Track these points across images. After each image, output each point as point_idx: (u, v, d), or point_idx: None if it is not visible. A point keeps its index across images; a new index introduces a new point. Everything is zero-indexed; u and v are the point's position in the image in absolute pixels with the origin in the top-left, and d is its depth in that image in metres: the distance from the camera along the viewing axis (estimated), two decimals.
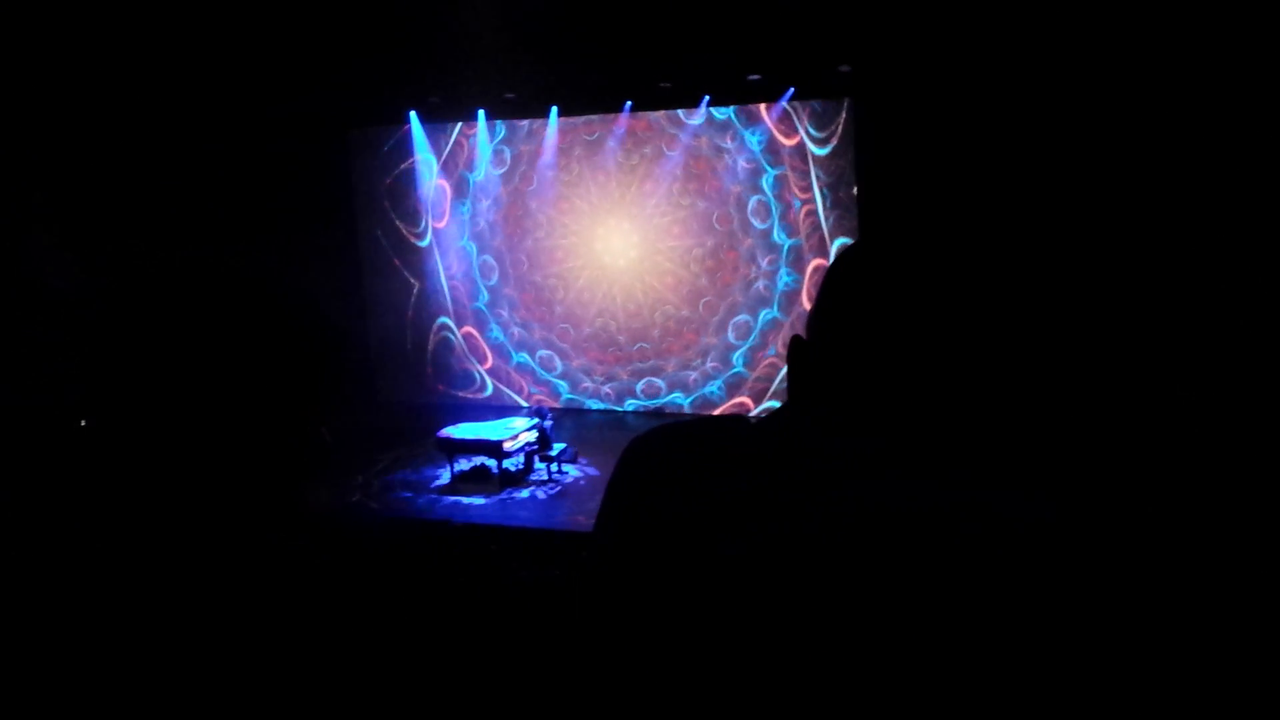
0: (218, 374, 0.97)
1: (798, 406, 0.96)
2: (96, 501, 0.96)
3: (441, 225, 11.61)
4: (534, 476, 9.11)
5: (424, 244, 11.73)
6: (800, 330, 1.02)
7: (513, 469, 9.11)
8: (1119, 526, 0.82)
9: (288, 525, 1.01)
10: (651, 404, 11.17)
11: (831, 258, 10.11)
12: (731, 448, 0.93)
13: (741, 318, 10.63)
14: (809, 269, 10.30)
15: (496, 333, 11.65)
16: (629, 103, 10.35)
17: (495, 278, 11.52)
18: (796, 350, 0.96)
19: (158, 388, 0.96)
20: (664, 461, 0.94)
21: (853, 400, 0.89)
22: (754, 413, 10.41)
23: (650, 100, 10.18)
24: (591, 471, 9.23)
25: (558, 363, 11.46)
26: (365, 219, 11.84)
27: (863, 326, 0.89)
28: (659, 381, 11.11)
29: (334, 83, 9.30)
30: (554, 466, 9.10)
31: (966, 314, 0.86)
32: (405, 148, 11.42)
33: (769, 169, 10.23)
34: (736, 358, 10.76)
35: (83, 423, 0.97)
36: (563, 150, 10.88)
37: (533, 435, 9.18)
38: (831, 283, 0.95)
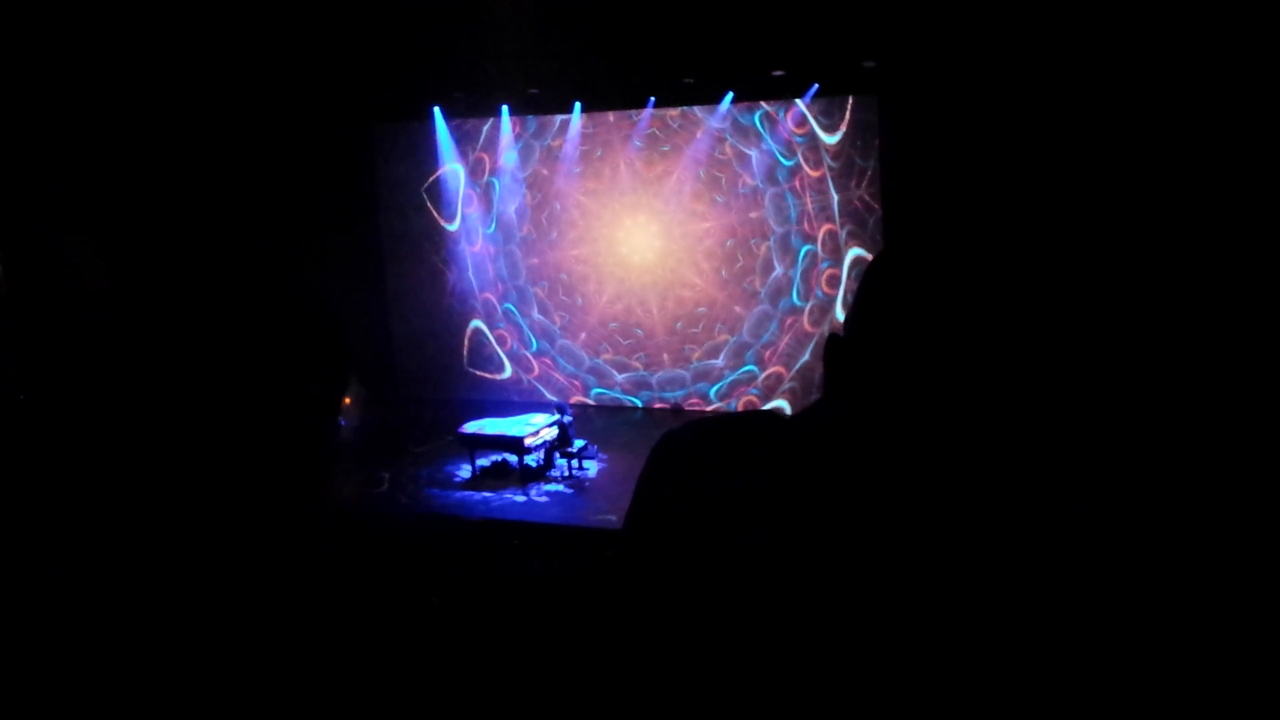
0: (232, 370, 0.96)
1: (833, 404, 0.96)
2: (112, 496, 0.96)
3: (468, 217, 11.66)
4: (554, 472, 9.14)
5: (449, 235, 11.78)
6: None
7: (533, 465, 9.14)
8: (1145, 526, 0.82)
9: (309, 520, 1.01)
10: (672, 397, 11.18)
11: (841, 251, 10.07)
12: (764, 444, 0.94)
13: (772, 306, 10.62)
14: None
15: (522, 324, 11.70)
16: (652, 99, 10.34)
17: (522, 272, 11.57)
18: (833, 349, 0.97)
19: (171, 383, 0.95)
20: (695, 458, 0.95)
21: (887, 399, 0.90)
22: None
23: (674, 96, 10.17)
24: (611, 467, 9.24)
25: (584, 357, 11.49)
26: (390, 215, 11.91)
27: (898, 326, 0.90)
28: (683, 374, 11.13)
29: (358, 78, 9.35)
30: (574, 462, 9.12)
31: (1000, 315, 0.86)
32: (430, 143, 11.46)
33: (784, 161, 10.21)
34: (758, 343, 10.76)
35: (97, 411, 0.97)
36: (586, 147, 10.90)
37: (553, 431, 9.21)
38: (869, 283, 0.96)
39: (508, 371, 11.85)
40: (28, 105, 7.85)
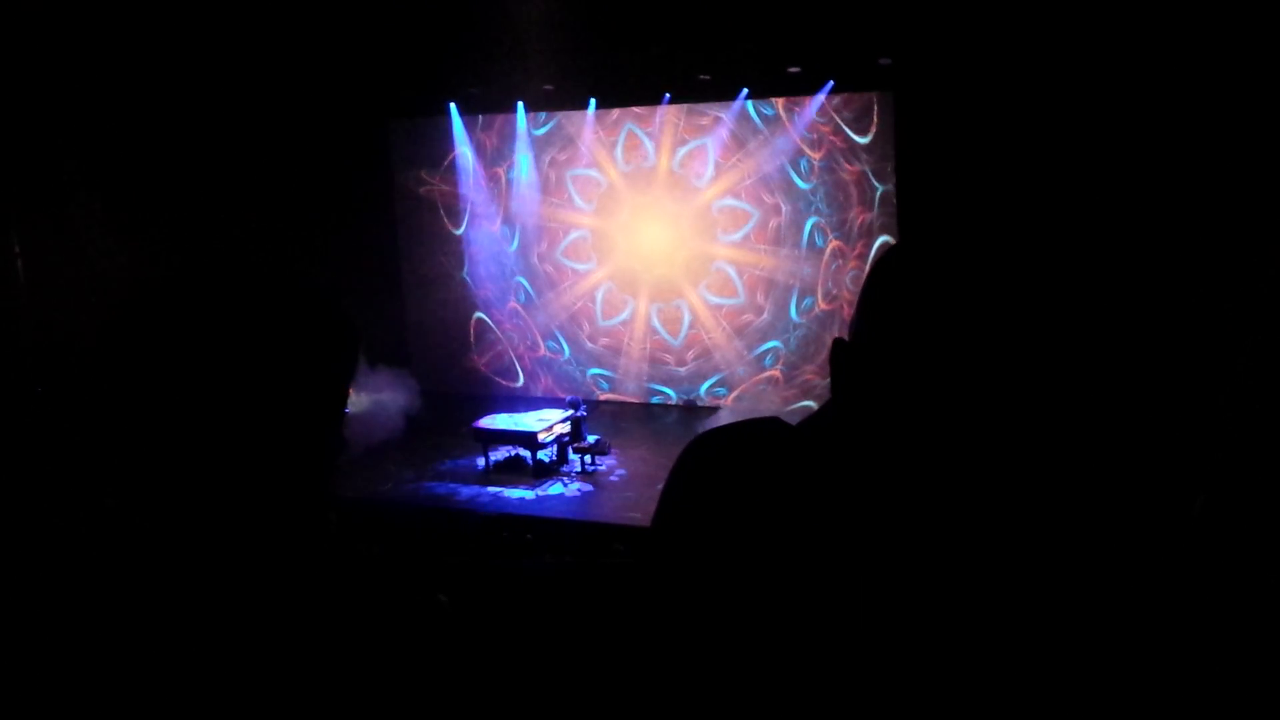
0: (237, 360, 0.97)
1: (838, 408, 0.96)
2: (123, 485, 0.97)
3: (481, 212, 11.69)
4: (567, 467, 9.17)
5: (461, 232, 11.80)
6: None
7: (546, 460, 9.18)
8: (1157, 529, 0.82)
9: (319, 511, 1.02)
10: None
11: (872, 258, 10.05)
12: (776, 451, 0.95)
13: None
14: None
15: (534, 317, 11.72)
16: (667, 95, 10.33)
17: (535, 267, 11.59)
18: (839, 352, 0.96)
19: (180, 375, 0.96)
20: (722, 463, 0.97)
21: (893, 402, 0.90)
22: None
23: (689, 93, 10.16)
24: (625, 462, 9.26)
25: (595, 351, 11.50)
26: (404, 210, 11.94)
27: (904, 328, 0.89)
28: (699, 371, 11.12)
29: (375, 74, 9.39)
30: (587, 458, 9.15)
31: (1007, 316, 0.86)
32: (445, 139, 11.49)
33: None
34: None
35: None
36: (602, 143, 10.91)
37: (566, 426, 9.24)
38: (873, 284, 0.95)
39: (520, 373, 11.88)
40: (48, 102, 7.92)
